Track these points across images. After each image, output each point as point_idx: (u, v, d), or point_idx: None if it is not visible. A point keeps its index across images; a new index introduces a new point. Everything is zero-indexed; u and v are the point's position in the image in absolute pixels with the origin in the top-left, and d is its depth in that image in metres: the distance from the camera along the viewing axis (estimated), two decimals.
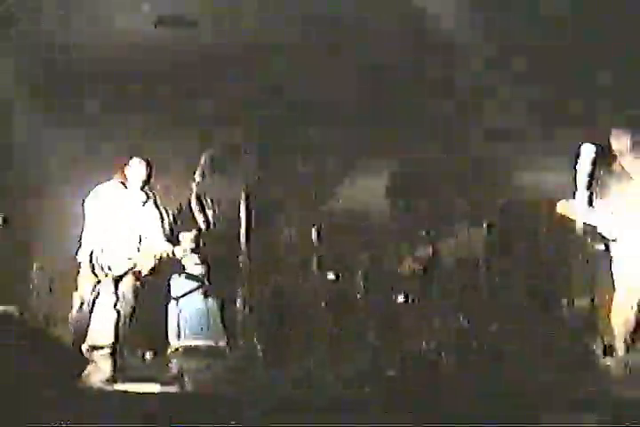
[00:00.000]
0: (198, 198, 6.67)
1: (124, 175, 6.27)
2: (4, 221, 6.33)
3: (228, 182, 6.51)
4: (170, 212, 6.54)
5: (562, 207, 5.49)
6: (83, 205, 6.23)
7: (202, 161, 6.76)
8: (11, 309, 6.21)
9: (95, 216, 6.17)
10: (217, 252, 6.83)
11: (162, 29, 6.97)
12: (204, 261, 6.93)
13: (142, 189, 6.26)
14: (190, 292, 6.93)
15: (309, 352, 5.76)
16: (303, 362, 5.25)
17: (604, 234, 5.35)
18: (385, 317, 6.46)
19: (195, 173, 6.74)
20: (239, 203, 5.51)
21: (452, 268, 6.81)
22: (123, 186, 6.27)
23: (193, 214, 6.68)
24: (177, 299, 6.93)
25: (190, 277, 6.98)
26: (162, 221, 6.32)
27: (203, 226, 6.56)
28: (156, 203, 6.35)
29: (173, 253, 6.12)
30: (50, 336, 4.86)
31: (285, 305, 6.60)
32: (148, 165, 6.23)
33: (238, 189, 5.75)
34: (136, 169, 6.24)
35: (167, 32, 6.96)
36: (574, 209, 5.37)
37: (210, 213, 6.55)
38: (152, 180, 6.28)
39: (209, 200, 6.66)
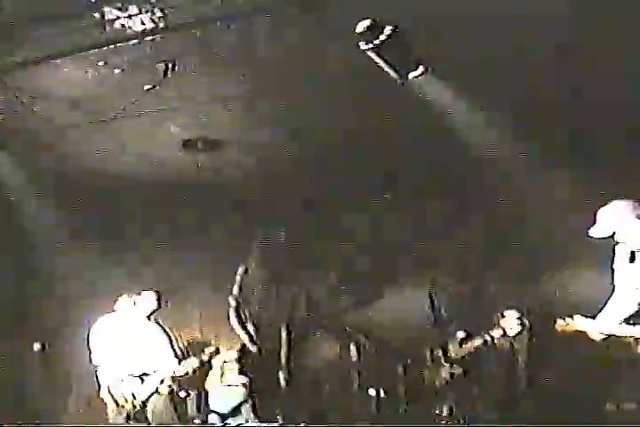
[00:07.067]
0: (237, 313, 6.48)
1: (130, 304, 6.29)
2: (43, 347, 6.41)
3: (267, 298, 6.41)
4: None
5: (569, 326, 5.30)
6: (87, 340, 6.19)
7: (239, 275, 6.67)
8: None
9: (103, 348, 6.11)
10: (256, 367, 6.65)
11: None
12: (245, 384, 6.45)
13: (148, 317, 6.30)
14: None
15: None
16: None
17: None
18: None
19: (233, 287, 6.63)
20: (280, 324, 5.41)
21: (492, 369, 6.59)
22: (126, 315, 6.26)
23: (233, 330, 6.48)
24: None
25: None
26: (170, 340, 6.24)
27: (247, 342, 6.35)
28: (159, 324, 6.31)
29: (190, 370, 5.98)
30: None
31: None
32: (159, 296, 6.33)
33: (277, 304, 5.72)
34: (147, 300, 6.29)
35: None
36: (584, 326, 5.22)
37: (251, 327, 6.35)
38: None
39: (248, 314, 6.45)
